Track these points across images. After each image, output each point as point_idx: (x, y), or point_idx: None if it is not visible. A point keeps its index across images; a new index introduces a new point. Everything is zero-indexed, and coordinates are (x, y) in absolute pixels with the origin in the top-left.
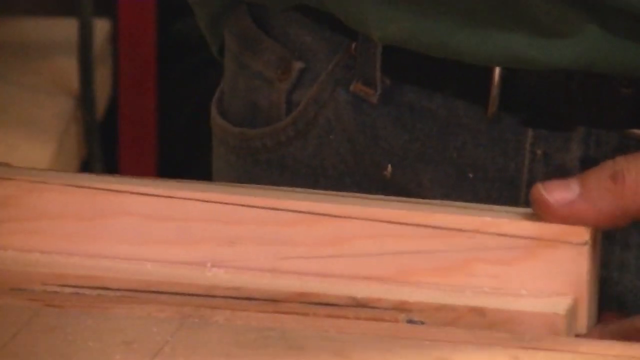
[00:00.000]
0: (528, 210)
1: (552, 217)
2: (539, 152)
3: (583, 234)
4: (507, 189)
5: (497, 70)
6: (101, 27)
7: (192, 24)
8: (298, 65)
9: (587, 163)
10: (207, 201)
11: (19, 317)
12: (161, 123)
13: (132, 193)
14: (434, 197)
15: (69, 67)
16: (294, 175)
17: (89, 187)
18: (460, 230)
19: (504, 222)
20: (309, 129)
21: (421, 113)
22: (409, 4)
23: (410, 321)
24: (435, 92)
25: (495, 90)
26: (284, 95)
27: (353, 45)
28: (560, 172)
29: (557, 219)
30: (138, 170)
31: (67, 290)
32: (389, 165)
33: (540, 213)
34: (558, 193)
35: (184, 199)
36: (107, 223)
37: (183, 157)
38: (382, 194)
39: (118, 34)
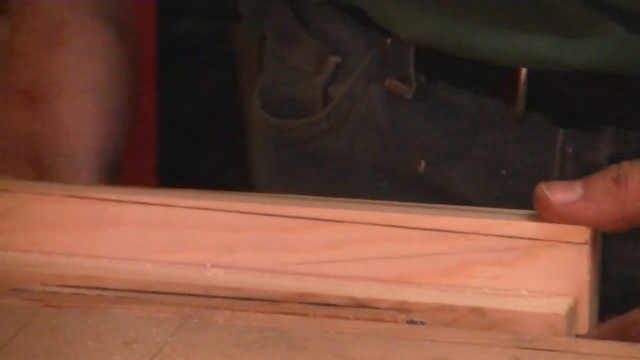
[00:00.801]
0: (527, 211)
1: (553, 216)
2: (569, 150)
3: (583, 234)
4: None
5: (524, 70)
6: None
7: (192, 24)
8: (334, 59)
9: (617, 162)
10: (205, 209)
11: (19, 317)
12: (161, 123)
13: (131, 202)
14: (465, 193)
15: None
16: (328, 168)
17: (88, 198)
18: (459, 232)
19: (503, 224)
20: (342, 123)
21: (453, 109)
22: (432, 6)
23: (410, 321)
24: (466, 89)
25: (521, 90)
26: (320, 89)
27: (387, 42)
28: (591, 171)
29: (557, 218)
30: (138, 170)
31: (67, 290)
32: (422, 161)
33: (542, 212)
34: (561, 193)
35: (183, 207)
36: (107, 233)
37: (183, 157)
38: (412, 189)
39: None
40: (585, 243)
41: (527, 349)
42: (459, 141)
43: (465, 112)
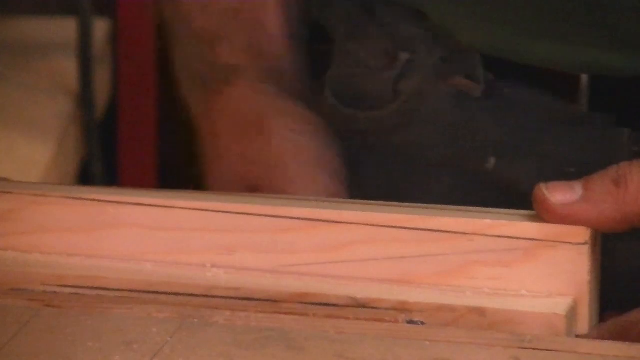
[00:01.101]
0: (527, 212)
1: (553, 217)
2: (635, 149)
3: (583, 234)
4: None
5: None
6: (101, 27)
7: None
8: (404, 56)
9: None
10: (205, 210)
11: (19, 317)
12: (161, 123)
13: (130, 204)
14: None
15: (68, 67)
16: (396, 161)
17: (87, 199)
18: (459, 233)
19: (503, 224)
20: (411, 118)
21: (521, 107)
22: (493, 16)
23: (410, 321)
24: (532, 88)
25: (583, 91)
26: (389, 85)
27: (455, 41)
28: None
29: (557, 219)
30: (138, 171)
31: (67, 290)
32: (492, 158)
33: (541, 213)
34: (560, 194)
35: (183, 208)
36: (106, 235)
37: (183, 157)
38: (479, 185)
39: (118, 34)
40: (585, 243)
41: (527, 349)
42: (527, 138)
43: (533, 109)
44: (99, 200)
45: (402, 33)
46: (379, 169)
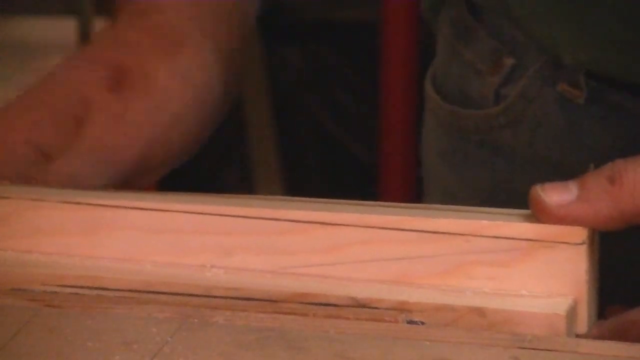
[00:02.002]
0: (524, 211)
1: (549, 218)
2: None
3: (581, 234)
4: None
5: None
6: (101, 27)
7: None
8: (510, 61)
9: None
10: (202, 213)
11: (19, 317)
12: None
13: (128, 208)
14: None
15: None
16: (509, 159)
17: (85, 204)
18: (457, 234)
19: (500, 225)
20: (519, 120)
21: (626, 113)
22: (596, 36)
23: (410, 321)
24: (636, 95)
25: None
26: (493, 89)
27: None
28: None
29: (554, 220)
30: None
31: (67, 290)
32: (592, 164)
33: (538, 214)
34: (556, 194)
35: (180, 212)
36: (105, 238)
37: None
38: None
39: None
40: (583, 243)
41: (527, 349)
42: (631, 145)
43: (636, 116)
44: (97, 205)
45: (508, 38)
46: (480, 163)
